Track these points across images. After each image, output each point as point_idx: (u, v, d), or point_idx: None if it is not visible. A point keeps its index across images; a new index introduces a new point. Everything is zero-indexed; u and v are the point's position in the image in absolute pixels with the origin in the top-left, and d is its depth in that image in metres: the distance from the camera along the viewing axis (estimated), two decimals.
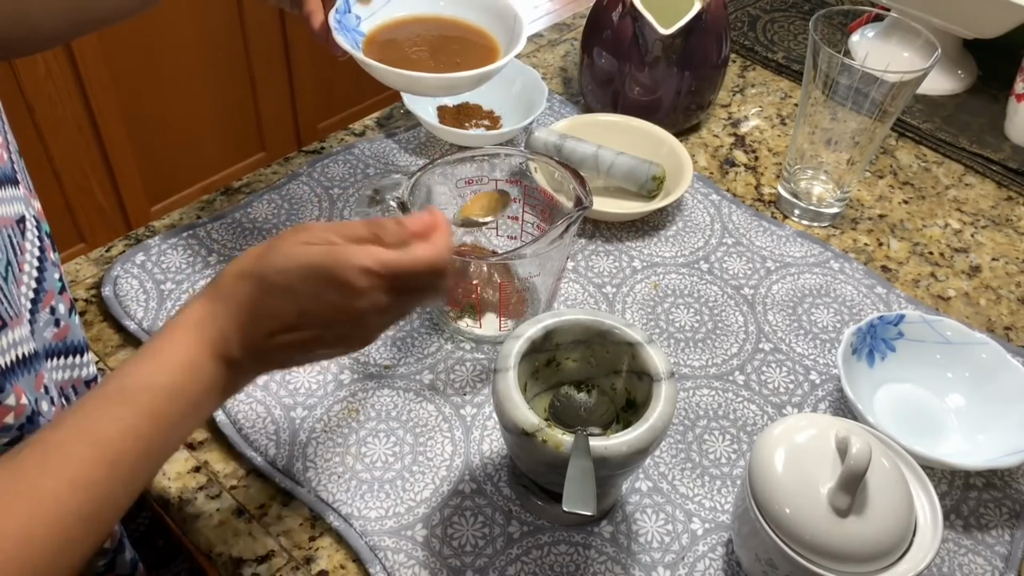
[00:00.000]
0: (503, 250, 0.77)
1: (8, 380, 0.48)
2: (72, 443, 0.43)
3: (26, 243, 0.53)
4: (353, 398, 0.69)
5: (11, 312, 0.48)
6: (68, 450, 0.43)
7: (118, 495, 0.45)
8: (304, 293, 0.47)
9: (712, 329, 0.77)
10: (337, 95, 2.13)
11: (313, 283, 0.47)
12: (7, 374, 0.48)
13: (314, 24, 0.68)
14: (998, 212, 0.93)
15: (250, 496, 0.64)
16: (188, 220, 0.84)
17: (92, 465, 0.43)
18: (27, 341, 0.50)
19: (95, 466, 0.43)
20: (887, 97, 0.79)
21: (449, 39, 0.74)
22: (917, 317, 0.73)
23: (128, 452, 0.44)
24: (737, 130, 1.01)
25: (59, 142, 1.68)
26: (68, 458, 0.43)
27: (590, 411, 0.63)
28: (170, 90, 1.80)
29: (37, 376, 0.52)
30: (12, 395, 0.48)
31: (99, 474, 0.43)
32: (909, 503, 0.55)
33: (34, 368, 0.51)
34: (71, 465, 0.43)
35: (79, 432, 0.44)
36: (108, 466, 0.43)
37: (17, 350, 0.49)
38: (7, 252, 0.50)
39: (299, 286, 0.47)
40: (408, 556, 0.60)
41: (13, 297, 0.50)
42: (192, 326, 0.48)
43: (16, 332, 0.49)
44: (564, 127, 0.90)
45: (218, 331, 0.48)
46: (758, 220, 0.88)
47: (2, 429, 0.48)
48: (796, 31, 1.16)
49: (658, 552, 0.62)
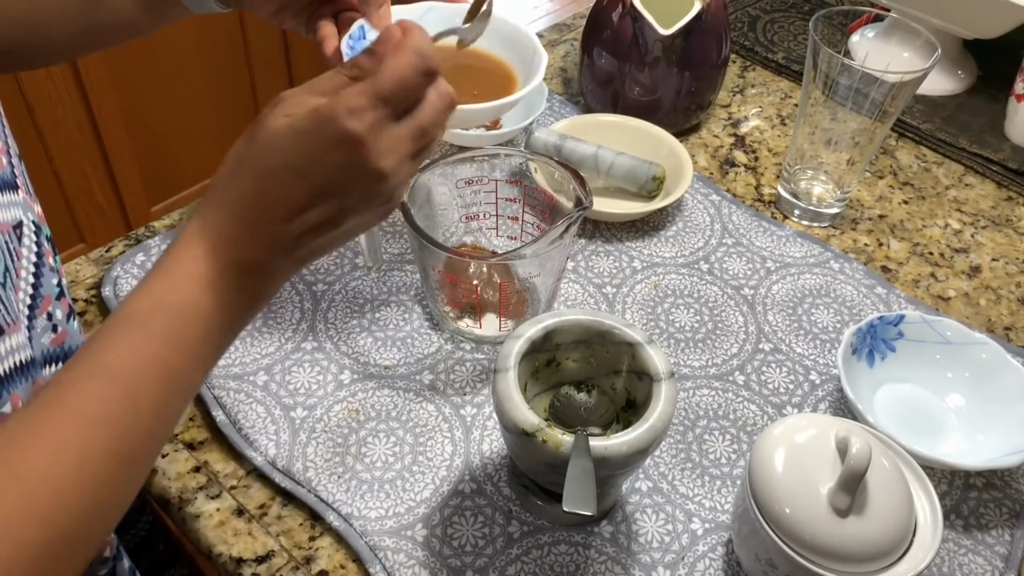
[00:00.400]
0: (503, 250, 0.77)
1: (5, 388, 0.46)
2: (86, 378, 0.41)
3: (23, 248, 0.52)
4: (353, 398, 0.69)
5: (8, 319, 0.47)
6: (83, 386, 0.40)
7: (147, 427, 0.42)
8: (305, 164, 0.43)
9: (712, 329, 0.77)
10: None
11: (311, 151, 0.43)
12: (6, 381, 0.46)
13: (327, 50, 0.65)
14: (998, 212, 0.93)
15: (250, 496, 0.64)
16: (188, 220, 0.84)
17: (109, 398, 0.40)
18: (24, 348, 0.49)
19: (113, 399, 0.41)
20: (887, 97, 0.79)
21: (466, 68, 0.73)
22: (917, 317, 0.73)
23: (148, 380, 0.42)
24: (737, 130, 1.01)
25: (59, 142, 1.68)
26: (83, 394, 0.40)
27: (590, 411, 0.63)
28: (170, 90, 1.80)
29: (34, 384, 0.50)
30: (8, 403, 0.47)
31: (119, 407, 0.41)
32: (909, 503, 0.55)
33: (31, 375, 0.50)
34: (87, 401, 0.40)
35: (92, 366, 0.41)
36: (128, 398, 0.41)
37: (14, 357, 0.47)
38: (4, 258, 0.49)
39: (297, 160, 0.43)
40: (408, 556, 0.60)
41: (11, 304, 0.49)
42: (195, 239, 0.44)
43: (13, 339, 0.47)
44: (564, 127, 0.90)
45: (225, 236, 0.44)
46: (758, 220, 0.88)
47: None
48: (796, 31, 1.16)
49: (658, 552, 0.62)
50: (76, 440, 0.39)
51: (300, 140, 0.43)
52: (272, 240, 0.44)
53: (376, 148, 0.43)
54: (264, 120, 0.44)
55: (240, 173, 0.44)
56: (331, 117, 0.42)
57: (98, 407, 0.40)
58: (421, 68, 0.44)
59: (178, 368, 0.43)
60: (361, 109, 0.42)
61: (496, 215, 0.76)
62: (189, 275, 0.44)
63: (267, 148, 0.44)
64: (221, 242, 0.44)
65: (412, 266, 0.80)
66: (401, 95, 0.43)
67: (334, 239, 0.47)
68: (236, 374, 0.70)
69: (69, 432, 0.39)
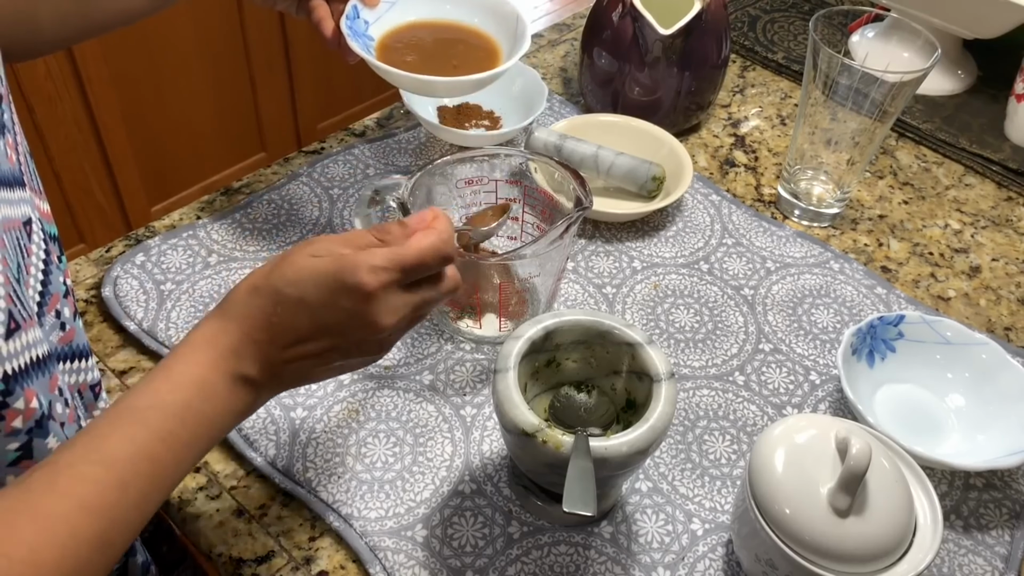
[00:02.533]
0: (503, 250, 0.77)
1: (21, 383, 0.47)
2: (81, 464, 0.43)
3: (32, 246, 0.53)
4: (353, 398, 0.69)
5: (25, 314, 0.48)
6: (77, 471, 0.42)
7: (130, 517, 0.44)
8: (317, 302, 0.47)
9: (712, 329, 0.77)
10: (337, 95, 2.13)
11: (326, 291, 0.47)
12: (21, 377, 0.47)
13: (325, 31, 0.68)
14: (998, 212, 0.93)
15: (250, 496, 0.64)
16: (188, 220, 0.84)
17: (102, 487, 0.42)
18: (41, 343, 0.50)
19: (105, 488, 0.42)
20: (887, 97, 0.79)
21: (452, 42, 0.75)
22: (917, 317, 0.73)
23: (139, 474, 0.44)
24: (737, 130, 1.01)
25: (59, 142, 1.68)
26: (77, 479, 0.42)
27: (590, 411, 0.63)
28: (170, 90, 1.80)
29: (52, 378, 0.51)
30: (22, 399, 0.47)
31: (109, 496, 0.42)
32: (909, 503, 0.55)
33: (48, 370, 0.51)
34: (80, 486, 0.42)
35: (88, 452, 0.43)
36: (118, 488, 0.43)
37: (31, 352, 0.48)
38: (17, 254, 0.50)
39: (312, 296, 0.47)
40: (408, 556, 0.60)
41: (26, 299, 0.50)
42: (203, 345, 0.48)
43: (30, 334, 0.48)
44: (564, 127, 0.90)
45: (230, 349, 0.48)
46: (758, 220, 0.88)
47: (10, 433, 0.48)
48: (796, 31, 1.16)
49: (658, 552, 0.62)
50: (64, 524, 0.41)
51: (319, 282, 0.47)
52: (270, 363, 0.48)
53: (382, 305, 0.48)
54: (292, 254, 0.49)
55: (258, 295, 0.48)
56: (353, 268, 0.47)
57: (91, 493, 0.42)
58: (441, 253, 0.49)
59: (164, 465, 0.45)
60: (380, 269, 0.47)
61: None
62: (191, 378, 0.47)
63: (289, 280, 0.48)
64: (226, 353, 0.48)
65: None
66: (418, 270, 0.49)
67: (318, 374, 0.51)
68: None
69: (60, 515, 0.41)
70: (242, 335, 0.48)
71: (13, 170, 0.51)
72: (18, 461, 0.49)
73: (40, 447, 0.49)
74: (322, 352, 0.49)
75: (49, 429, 0.50)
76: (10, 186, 0.51)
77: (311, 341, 0.48)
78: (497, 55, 0.74)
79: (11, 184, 0.51)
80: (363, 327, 0.48)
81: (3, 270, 0.47)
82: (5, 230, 0.49)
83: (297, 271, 0.48)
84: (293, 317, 0.47)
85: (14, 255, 0.49)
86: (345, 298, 0.47)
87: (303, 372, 0.50)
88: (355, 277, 0.47)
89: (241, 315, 0.48)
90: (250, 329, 0.48)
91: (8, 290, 0.46)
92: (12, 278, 0.48)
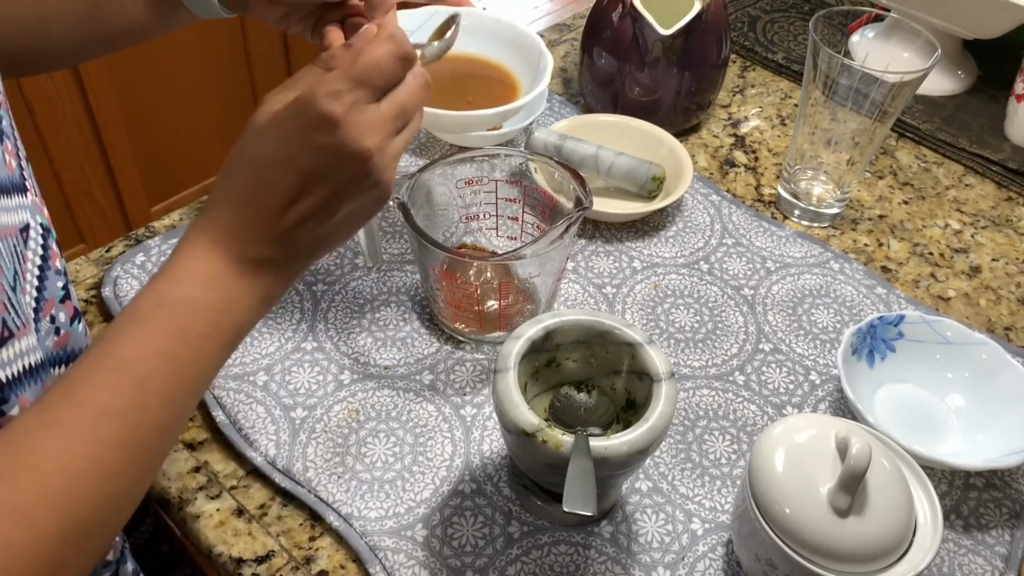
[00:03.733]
0: (503, 250, 0.77)
1: (14, 391, 0.47)
2: (94, 372, 0.42)
3: (28, 252, 0.52)
4: (353, 398, 0.69)
5: (19, 322, 0.48)
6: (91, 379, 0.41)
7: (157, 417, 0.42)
8: (292, 152, 0.44)
9: (712, 329, 0.77)
10: None
11: (295, 137, 0.44)
12: (14, 384, 0.47)
13: None
14: (998, 212, 0.93)
15: (250, 496, 0.64)
16: (188, 220, 0.84)
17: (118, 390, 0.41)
18: (35, 351, 0.49)
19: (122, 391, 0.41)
20: (887, 97, 0.79)
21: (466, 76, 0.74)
22: (917, 317, 0.73)
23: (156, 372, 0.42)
24: (737, 130, 1.01)
25: (59, 142, 1.68)
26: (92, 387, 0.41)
27: (590, 411, 0.63)
28: (170, 90, 1.80)
29: (43, 386, 0.51)
30: (16, 406, 0.47)
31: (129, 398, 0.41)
32: (909, 503, 0.55)
33: (41, 378, 0.50)
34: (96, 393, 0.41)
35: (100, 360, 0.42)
36: (136, 389, 0.42)
37: (25, 360, 0.48)
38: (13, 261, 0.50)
39: (283, 148, 0.45)
40: (408, 556, 0.60)
41: (22, 307, 0.49)
42: (198, 237, 0.45)
43: (24, 342, 0.48)
44: (564, 127, 0.90)
45: (227, 233, 0.45)
46: (758, 220, 0.88)
47: None
48: (796, 31, 1.16)
49: (658, 552, 0.62)
50: (88, 431, 0.40)
51: (284, 129, 0.44)
52: (270, 233, 0.45)
53: (356, 127, 0.44)
54: (251, 120, 0.46)
55: (234, 171, 0.46)
56: (310, 102, 0.44)
57: (108, 398, 0.41)
58: (396, 52, 0.45)
59: (185, 361, 0.44)
60: (338, 92, 0.44)
61: (496, 215, 0.76)
62: (191, 272, 0.45)
63: (255, 143, 0.45)
64: (221, 238, 0.45)
65: (412, 266, 0.80)
66: (377, 76, 0.45)
67: (332, 230, 0.48)
68: (236, 374, 0.70)
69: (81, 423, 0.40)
70: (234, 215, 0.45)
71: (12, 176, 0.51)
72: None
73: None
74: (323, 203, 0.46)
75: None
76: (8, 193, 0.50)
77: (305, 196, 0.45)
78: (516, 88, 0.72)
79: (8, 191, 0.50)
80: (348, 158, 0.45)
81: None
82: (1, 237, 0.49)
83: (259, 131, 0.45)
84: (275, 177, 0.45)
85: (10, 262, 0.49)
86: (317, 135, 0.44)
87: (316, 232, 0.47)
88: (317, 109, 0.44)
89: (225, 198, 0.46)
90: (238, 207, 0.45)
91: (2, 298, 0.46)
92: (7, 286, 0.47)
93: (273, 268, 0.47)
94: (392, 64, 0.46)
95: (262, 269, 0.46)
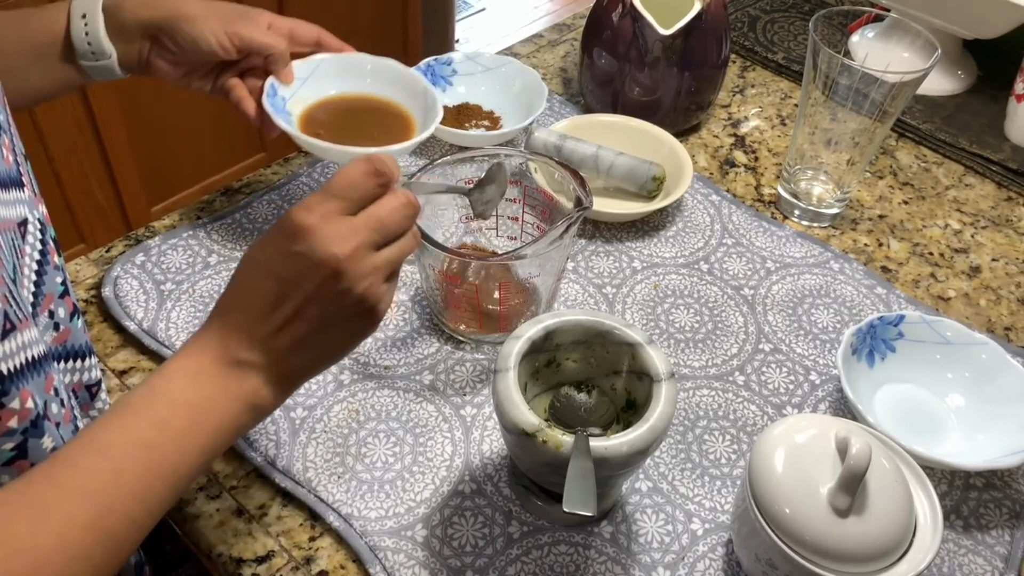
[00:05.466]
0: (503, 250, 0.77)
1: (16, 383, 0.47)
2: (78, 455, 0.43)
3: (26, 246, 0.53)
4: (353, 398, 0.69)
5: (20, 315, 0.48)
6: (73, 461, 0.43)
7: (129, 507, 0.44)
8: (269, 258, 0.48)
9: (712, 329, 0.77)
10: None
11: (271, 245, 0.48)
12: (16, 377, 0.48)
13: (248, 110, 0.71)
14: (998, 212, 0.93)
15: (250, 496, 0.64)
16: (188, 220, 0.84)
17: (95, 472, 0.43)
18: (37, 343, 0.50)
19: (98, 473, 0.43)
20: (887, 97, 0.79)
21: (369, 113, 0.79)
22: (917, 317, 0.73)
23: (132, 460, 0.44)
24: (737, 130, 1.01)
25: (59, 142, 1.68)
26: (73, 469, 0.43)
27: (590, 411, 0.63)
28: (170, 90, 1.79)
29: (47, 378, 0.51)
30: (17, 399, 0.48)
31: (102, 481, 0.43)
32: (909, 503, 0.55)
33: (44, 370, 0.51)
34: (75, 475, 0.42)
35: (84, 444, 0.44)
36: (112, 473, 0.43)
37: (27, 352, 0.49)
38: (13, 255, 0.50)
39: (262, 255, 0.48)
40: (408, 556, 0.60)
41: (22, 300, 0.50)
42: (193, 341, 0.49)
43: (26, 334, 0.49)
44: (564, 127, 0.90)
45: (216, 337, 0.48)
46: (758, 220, 0.88)
47: (5, 433, 0.48)
48: (796, 31, 1.16)
49: (658, 552, 0.62)
50: (60, 511, 0.41)
51: (265, 241, 0.49)
52: (252, 337, 0.48)
53: (324, 233, 0.47)
54: None
55: (229, 284, 0.50)
56: (288, 215, 0.48)
57: (84, 480, 0.43)
58: (367, 170, 0.49)
59: (162, 452, 0.45)
60: (311, 204, 0.47)
61: (496, 215, 0.76)
62: (180, 369, 0.48)
63: (246, 257, 0.50)
64: (211, 340, 0.48)
65: (412, 266, 0.80)
66: (349, 190, 0.48)
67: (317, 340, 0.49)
68: None
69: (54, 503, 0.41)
70: (224, 322, 0.49)
71: (10, 171, 0.52)
72: (13, 461, 0.49)
73: (35, 447, 0.50)
74: (298, 311, 0.48)
75: (44, 429, 0.50)
76: (6, 187, 0.51)
77: (283, 302, 0.48)
78: (411, 125, 0.78)
79: (7, 185, 0.51)
80: (317, 264, 0.47)
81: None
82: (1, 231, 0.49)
83: (252, 246, 0.50)
84: (256, 284, 0.48)
85: (9, 256, 0.50)
86: (290, 242, 0.47)
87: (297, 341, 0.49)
88: (292, 220, 0.47)
89: (221, 308, 0.50)
90: (229, 314, 0.49)
91: (3, 291, 0.46)
92: (8, 279, 0.48)
93: (256, 372, 0.49)
94: (363, 179, 0.48)
95: (244, 372, 0.48)
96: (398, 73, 0.80)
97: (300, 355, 0.50)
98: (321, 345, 0.50)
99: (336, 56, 0.78)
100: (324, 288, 0.48)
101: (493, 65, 0.99)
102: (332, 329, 0.50)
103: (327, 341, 0.50)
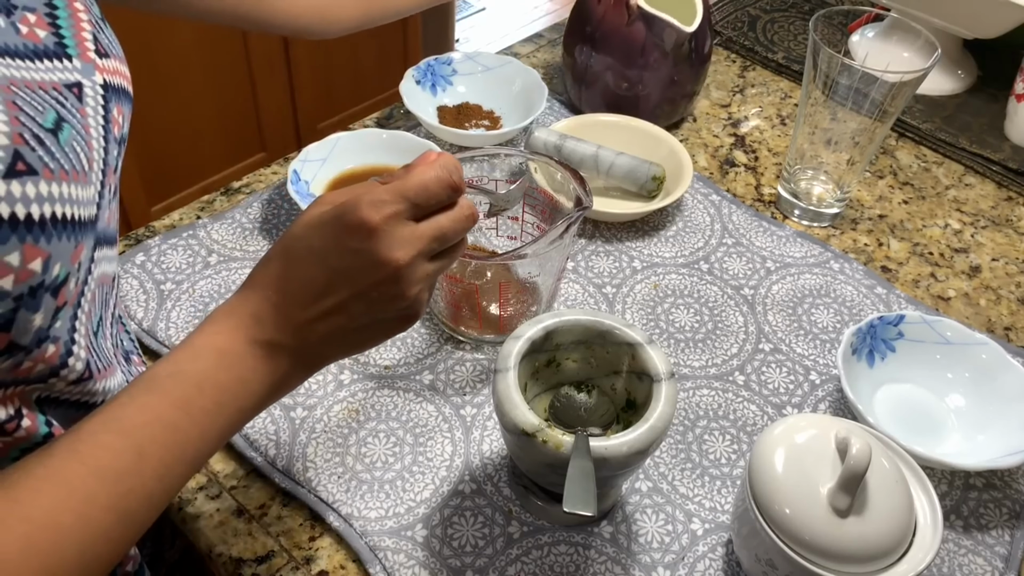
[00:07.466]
0: (503, 250, 0.77)
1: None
2: (100, 431, 0.43)
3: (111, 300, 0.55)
4: (353, 398, 0.69)
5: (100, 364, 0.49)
6: (96, 438, 0.42)
7: (150, 488, 0.43)
8: (325, 248, 0.46)
9: (712, 329, 0.77)
10: (337, 95, 2.13)
11: (331, 235, 0.46)
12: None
13: None
14: (998, 212, 0.93)
15: (250, 496, 0.64)
16: (188, 220, 0.84)
17: (118, 453, 0.42)
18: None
19: (120, 454, 0.42)
20: (887, 97, 0.79)
21: None
22: (917, 317, 0.73)
23: (156, 441, 0.43)
24: (737, 130, 1.01)
25: None
26: (96, 446, 0.42)
27: (590, 411, 0.63)
28: (170, 90, 1.80)
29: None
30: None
31: (125, 462, 0.42)
32: (909, 503, 0.55)
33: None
34: (98, 453, 0.42)
35: (108, 420, 0.43)
36: (134, 454, 0.42)
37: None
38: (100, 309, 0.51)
39: (319, 243, 0.46)
40: (408, 556, 0.60)
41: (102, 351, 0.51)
42: (224, 315, 0.47)
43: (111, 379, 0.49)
44: (564, 127, 0.90)
45: (250, 315, 0.47)
46: (758, 220, 0.88)
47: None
48: (796, 31, 1.16)
49: (658, 552, 0.62)
50: (83, 489, 0.41)
51: (323, 227, 0.46)
52: (289, 321, 0.47)
53: (390, 238, 0.45)
54: (300, 215, 0.48)
55: (272, 259, 0.48)
56: (353, 207, 0.45)
57: (107, 460, 0.42)
58: (445, 180, 0.47)
59: (185, 434, 0.45)
60: (381, 202, 0.45)
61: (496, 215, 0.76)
62: (209, 347, 0.46)
63: (296, 236, 0.47)
64: (244, 319, 0.47)
65: None
66: (422, 195, 0.46)
67: (349, 333, 0.49)
68: None
69: (78, 480, 0.41)
70: (260, 300, 0.47)
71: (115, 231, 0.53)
72: None
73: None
74: (343, 304, 0.47)
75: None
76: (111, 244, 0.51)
77: (329, 294, 0.46)
78: None
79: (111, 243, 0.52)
80: (375, 265, 0.46)
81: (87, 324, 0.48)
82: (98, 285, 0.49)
83: (304, 225, 0.47)
84: (305, 270, 0.46)
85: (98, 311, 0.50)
86: (350, 238, 0.45)
87: (334, 333, 0.48)
88: (356, 214, 0.45)
89: (259, 282, 0.48)
90: (267, 292, 0.47)
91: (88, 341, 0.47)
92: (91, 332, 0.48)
93: (287, 356, 0.48)
94: (438, 187, 0.47)
95: (276, 355, 0.47)
96: (408, 142, 0.86)
97: (331, 346, 0.49)
98: (353, 340, 0.50)
99: (351, 133, 0.85)
100: (376, 289, 0.47)
101: (493, 65, 0.99)
102: (372, 327, 0.49)
103: (360, 337, 0.50)
